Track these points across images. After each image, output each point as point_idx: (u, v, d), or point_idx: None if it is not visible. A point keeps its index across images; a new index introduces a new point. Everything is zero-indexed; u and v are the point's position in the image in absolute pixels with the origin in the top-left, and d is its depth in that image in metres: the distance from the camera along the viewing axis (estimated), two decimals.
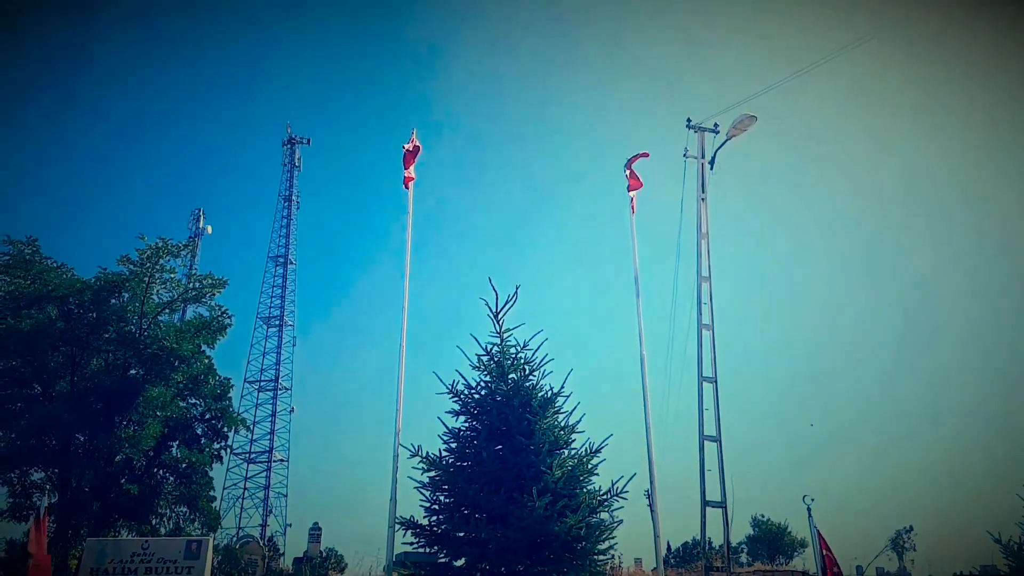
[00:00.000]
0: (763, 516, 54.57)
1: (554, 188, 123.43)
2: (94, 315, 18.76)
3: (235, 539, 47.64)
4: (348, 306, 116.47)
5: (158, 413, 18.59)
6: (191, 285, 20.37)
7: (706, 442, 25.83)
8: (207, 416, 20.90)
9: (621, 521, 13.50)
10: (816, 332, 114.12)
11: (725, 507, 25.68)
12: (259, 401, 58.66)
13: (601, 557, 13.46)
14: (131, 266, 19.08)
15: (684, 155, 28.49)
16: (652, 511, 14.39)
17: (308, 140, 63.23)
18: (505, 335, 13.98)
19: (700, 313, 26.89)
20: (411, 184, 15.93)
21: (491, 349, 14.00)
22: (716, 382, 26.35)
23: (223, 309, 20.33)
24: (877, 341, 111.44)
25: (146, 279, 19.21)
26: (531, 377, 13.80)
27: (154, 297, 19.67)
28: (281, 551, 50.24)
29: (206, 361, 20.58)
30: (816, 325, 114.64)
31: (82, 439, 18.64)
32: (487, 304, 14.39)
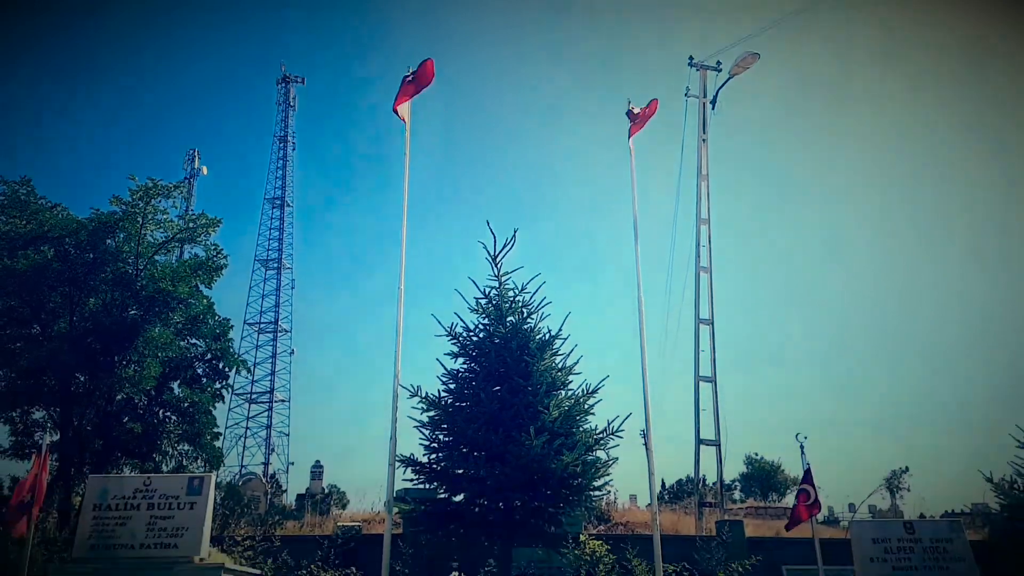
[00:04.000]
0: (757, 455, 55.56)
1: (554, 131, 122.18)
2: (90, 255, 18.68)
3: (238, 477, 48.51)
4: (346, 247, 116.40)
5: (158, 353, 18.65)
6: (186, 226, 20.25)
7: (701, 382, 26.15)
8: (207, 356, 20.99)
9: (616, 459, 13.75)
10: (816, 273, 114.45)
11: (719, 445, 26.12)
12: (259, 343, 59.09)
13: (597, 493, 13.73)
14: (123, 206, 18.93)
15: (686, 94, 28.14)
16: (647, 449, 14.59)
17: (303, 79, 62.34)
18: (503, 278, 13.97)
19: (698, 256, 26.91)
20: (406, 115, 15.48)
21: (489, 292, 14.02)
22: (713, 324, 26.53)
23: (218, 249, 20.26)
24: (878, 279, 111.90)
25: (140, 219, 19.07)
26: (529, 320, 13.85)
27: (148, 238, 19.57)
28: (284, 488, 51.21)
29: (205, 302, 20.57)
30: (816, 267, 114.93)
31: (82, 378, 18.74)
32: (485, 247, 14.36)
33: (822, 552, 9.40)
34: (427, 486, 13.61)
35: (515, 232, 14.40)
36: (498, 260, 14.25)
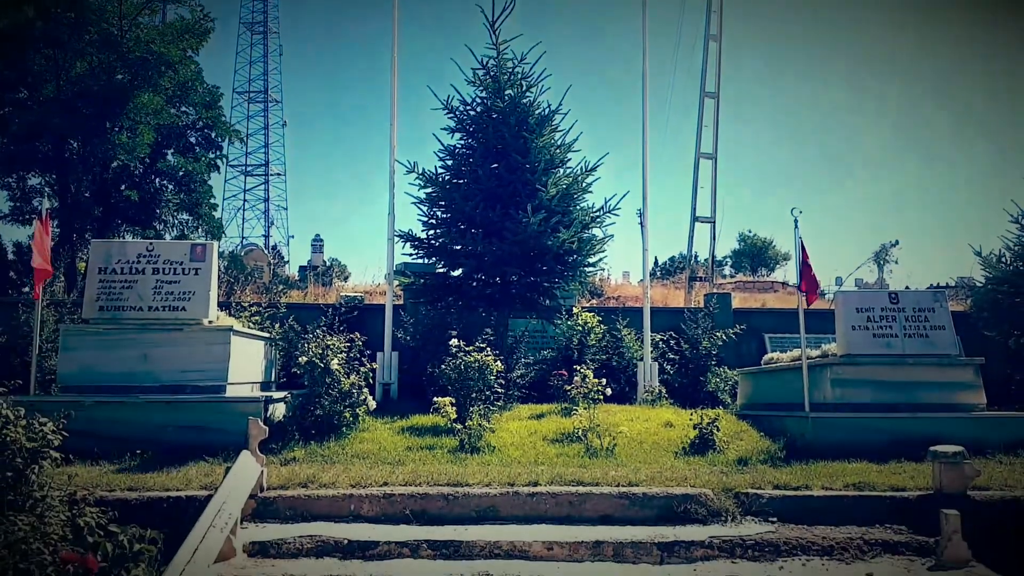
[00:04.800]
0: (750, 232, 56.65)
1: None
2: (72, 15, 17.72)
3: (240, 247, 49.52)
4: (335, 13, 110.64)
5: (150, 120, 18.29)
6: None
7: (702, 160, 25.96)
8: (199, 125, 20.64)
9: (612, 236, 13.98)
10: (825, 49, 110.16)
11: (714, 222, 26.47)
12: (250, 113, 57.88)
13: (591, 269, 14.07)
14: None
15: None
16: (642, 227, 14.79)
17: None
18: (502, 47, 13.33)
19: (708, 21, 25.54)
20: None
21: (487, 63, 13.44)
22: (718, 98, 25.82)
23: (204, 11, 19.23)
24: (882, 56, 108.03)
25: None
26: (528, 93, 13.40)
27: None
28: (286, 260, 52.50)
29: (193, 67, 19.90)
30: (825, 43, 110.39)
31: (75, 144, 18.51)
32: (483, 11, 13.58)
33: (805, 322, 9.76)
34: (426, 261, 13.89)
35: None
36: (496, 26, 13.51)
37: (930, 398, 9.39)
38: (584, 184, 13.36)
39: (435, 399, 9.23)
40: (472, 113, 13.48)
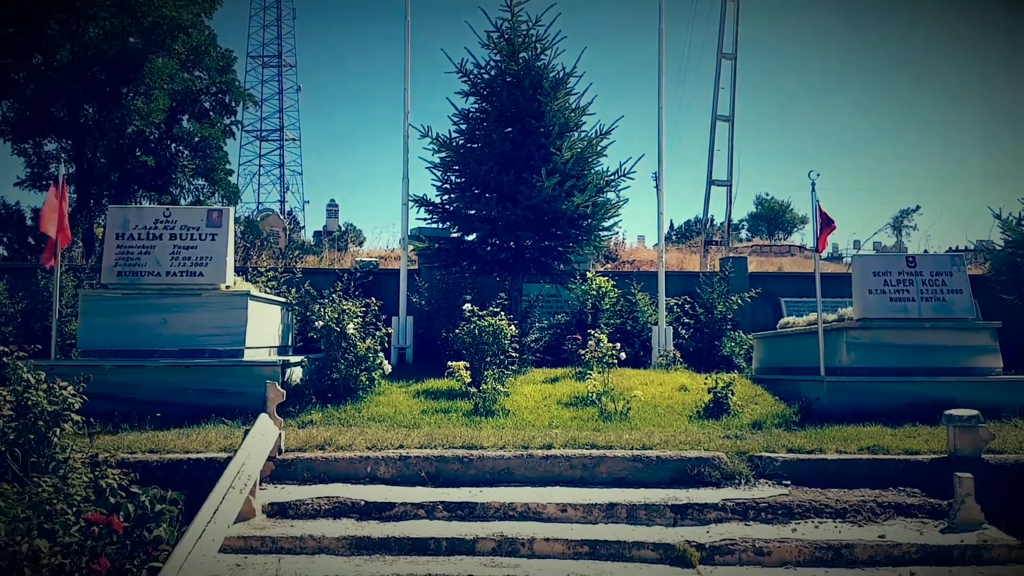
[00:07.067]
0: (767, 194, 56.09)
1: None
2: None
3: (256, 213, 49.64)
4: None
5: (165, 85, 18.28)
6: None
7: (718, 122, 25.66)
8: (213, 90, 20.60)
9: (627, 200, 13.88)
10: (843, 13, 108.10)
11: (730, 185, 26.24)
12: (264, 78, 57.62)
13: (605, 233, 14.02)
14: None
15: None
16: (657, 191, 14.71)
17: None
18: (516, 9, 13.15)
19: None
20: None
21: (501, 25, 13.27)
22: (736, 59, 25.45)
23: None
24: (901, 17, 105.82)
25: None
26: (543, 56, 13.24)
27: None
28: (301, 225, 52.60)
29: (207, 32, 19.81)
30: (845, 5, 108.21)
31: (91, 110, 18.55)
32: None
33: (822, 286, 9.71)
34: (440, 225, 13.88)
35: None
36: None
37: (946, 362, 9.34)
38: (599, 148, 13.25)
39: (450, 363, 9.28)
40: (486, 77, 13.35)
